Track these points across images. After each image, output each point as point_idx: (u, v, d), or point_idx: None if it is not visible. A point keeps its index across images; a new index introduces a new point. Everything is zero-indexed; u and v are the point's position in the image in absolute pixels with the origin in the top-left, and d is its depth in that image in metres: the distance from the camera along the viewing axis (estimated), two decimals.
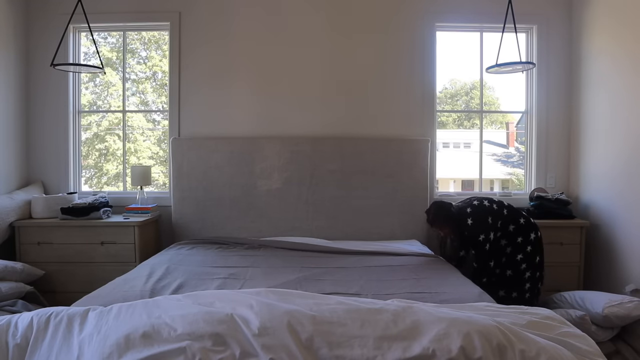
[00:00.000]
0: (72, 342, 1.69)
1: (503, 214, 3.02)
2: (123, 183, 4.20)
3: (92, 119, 4.88)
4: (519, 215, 3.05)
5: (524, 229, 3.01)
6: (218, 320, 1.67)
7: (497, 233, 2.97)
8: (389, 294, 2.25)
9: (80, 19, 3.41)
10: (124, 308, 1.82)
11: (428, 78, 3.96)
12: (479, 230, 2.95)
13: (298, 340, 1.60)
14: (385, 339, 1.61)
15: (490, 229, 2.96)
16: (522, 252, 2.99)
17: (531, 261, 3.01)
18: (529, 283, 3.00)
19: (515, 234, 2.99)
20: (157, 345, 1.58)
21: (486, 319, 1.71)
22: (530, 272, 3.01)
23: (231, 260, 2.99)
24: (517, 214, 3.06)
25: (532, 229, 3.03)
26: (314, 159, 3.82)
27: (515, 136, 8.63)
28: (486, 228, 2.95)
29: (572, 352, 1.66)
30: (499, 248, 3.00)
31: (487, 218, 2.97)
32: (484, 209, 3.01)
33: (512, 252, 3.00)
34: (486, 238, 2.95)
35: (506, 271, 2.99)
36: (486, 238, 2.95)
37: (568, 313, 2.83)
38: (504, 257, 3.00)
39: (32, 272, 3.28)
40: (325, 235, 3.74)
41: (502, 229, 2.98)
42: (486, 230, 2.95)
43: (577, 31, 3.86)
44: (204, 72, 3.95)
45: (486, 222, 2.96)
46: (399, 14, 3.94)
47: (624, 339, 2.82)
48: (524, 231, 3.00)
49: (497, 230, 2.97)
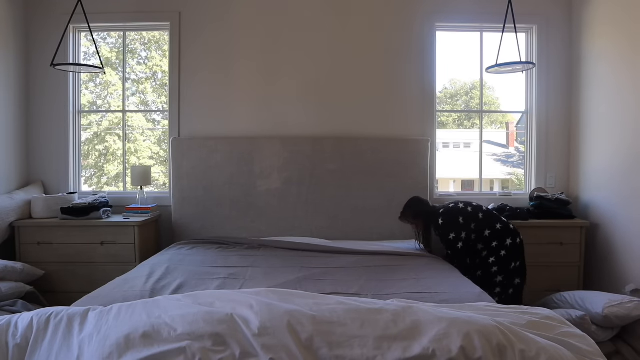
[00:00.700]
0: (72, 342, 1.69)
1: (478, 217, 3.03)
2: (123, 183, 4.20)
3: (92, 118, 4.89)
4: (496, 220, 3.04)
5: (499, 234, 2.99)
6: (218, 320, 1.67)
7: (472, 235, 2.98)
8: (389, 294, 2.25)
9: (80, 19, 3.41)
10: (124, 308, 1.82)
11: (428, 78, 3.96)
12: (448, 230, 3.02)
13: (298, 340, 1.60)
14: (385, 339, 1.61)
15: (461, 229, 2.99)
16: (494, 256, 2.97)
17: (504, 266, 2.98)
18: (499, 288, 2.97)
19: (490, 238, 2.98)
20: (157, 345, 1.58)
21: (486, 319, 1.71)
22: (503, 277, 2.97)
23: (231, 260, 2.99)
24: (494, 219, 3.05)
25: (509, 234, 3.01)
26: (313, 159, 3.83)
27: (515, 136, 8.63)
28: (456, 227, 3.00)
29: (572, 352, 1.66)
30: (476, 252, 3.00)
31: (458, 218, 3.02)
32: (456, 209, 3.08)
33: (486, 255, 2.99)
34: (457, 237, 2.98)
35: (477, 272, 2.97)
36: (457, 237, 2.98)
37: (568, 313, 2.83)
38: (478, 258, 3.00)
39: (32, 272, 3.28)
40: (325, 235, 3.74)
41: (477, 232, 2.98)
42: (456, 229, 2.99)
43: (577, 31, 3.86)
44: (204, 72, 3.95)
45: (457, 222, 3.01)
46: (399, 14, 3.94)
47: (624, 339, 2.82)
48: (499, 236, 2.99)
49: (471, 232, 2.98)
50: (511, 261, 3.00)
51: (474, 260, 3.00)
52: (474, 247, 2.99)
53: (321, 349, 1.58)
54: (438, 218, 3.09)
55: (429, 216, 3.18)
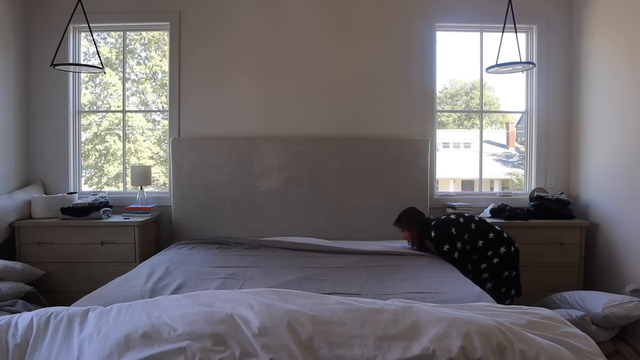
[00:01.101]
0: (72, 342, 1.69)
1: (470, 227, 3.03)
2: (123, 183, 4.20)
3: (92, 118, 4.89)
4: (489, 230, 3.03)
5: (492, 243, 2.99)
6: (218, 320, 1.67)
7: (467, 246, 2.98)
8: (389, 294, 2.25)
9: (80, 19, 3.41)
10: (124, 308, 1.81)
11: (428, 78, 3.96)
12: (442, 242, 3.03)
13: (298, 340, 1.60)
14: (385, 339, 1.61)
15: (455, 239, 2.99)
16: (487, 262, 2.97)
17: (496, 273, 2.98)
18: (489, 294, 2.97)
19: (484, 248, 2.98)
20: (157, 345, 1.58)
21: (486, 319, 1.71)
22: (493, 284, 2.97)
23: (231, 260, 2.99)
24: (487, 229, 3.04)
25: (502, 243, 3.00)
26: (314, 159, 3.83)
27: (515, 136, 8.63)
28: (450, 237, 3.01)
29: (572, 352, 1.66)
30: (472, 262, 3.00)
31: (451, 229, 3.02)
32: (448, 221, 3.09)
33: (478, 259, 2.99)
34: (452, 248, 2.99)
35: (468, 275, 2.94)
36: (452, 248, 2.99)
37: (568, 313, 2.83)
38: (470, 264, 3.00)
39: (32, 272, 3.28)
40: (325, 235, 3.74)
41: (470, 243, 2.98)
42: (450, 240, 3.00)
43: (577, 31, 3.86)
44: (204, 72, 3.95)
45: (449, 233, 3.02)
46: (399, 14, 3.94)
47: (624, 339, 2.82)
48: (492, 245, 2.98)
49: (466, 243, 2.98)
50: (504, 269, 2.98)
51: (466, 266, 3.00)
52: (470, 258, 3.00)
53: (321, 349, 1.58)
54: (430, 230, 3.09)
55: (422, 227, 3.19)
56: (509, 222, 3.55)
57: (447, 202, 3.93)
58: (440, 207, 3.95)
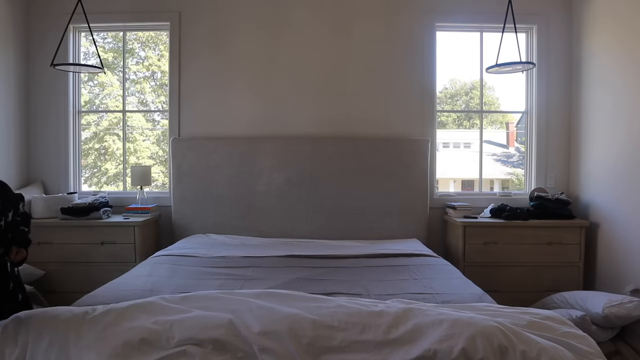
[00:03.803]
0: (70, 349, 1.67)
1: None
2: (123, 183, 4.19)
3: (90, 118, 4.88)
4: None
5: None
6: (217, 325, 1.66)
7: None
8: (389, 294, 2.25)
9: (80, 19, 3.40)
10: (123, 312, 1.79)
11: (428, 78, 3.96)
12: None
13: (299, 345, 1.59)
14: (387, 343, 1.60)
15: None
16: None
17: None
18: None
19: None
20: (155, 351, 1.57)
21: (487, 320, 1.70)
22: None
23: (231, 260, 2.98)
24: None
25: None
26: (313, 159, 3.82)
27: (515, 136, 8.63)
28: None
29: (573, 352, 1.66)
30: None
31: None
32: None
33: None
34: None
35: None
36: None
37: (568, 313, 2.83)
38: None
39: (32, 272, 3.28)
40: (325, 235, 3.74)
41: None
42: None
43: (577, 31, 3.86)
44: (204, 72, 3.95)
45: None
46: (399, 14, 3.94)
47: (624, 339, 2.82)
48: None
49: None
50: None
51: None
52: None
53: (322, 354, 1.57)
54: None
55: None
56: (509, 222, 3.55)
57: (447, 202, 3.93)
58: (440, 207, 3.95)
